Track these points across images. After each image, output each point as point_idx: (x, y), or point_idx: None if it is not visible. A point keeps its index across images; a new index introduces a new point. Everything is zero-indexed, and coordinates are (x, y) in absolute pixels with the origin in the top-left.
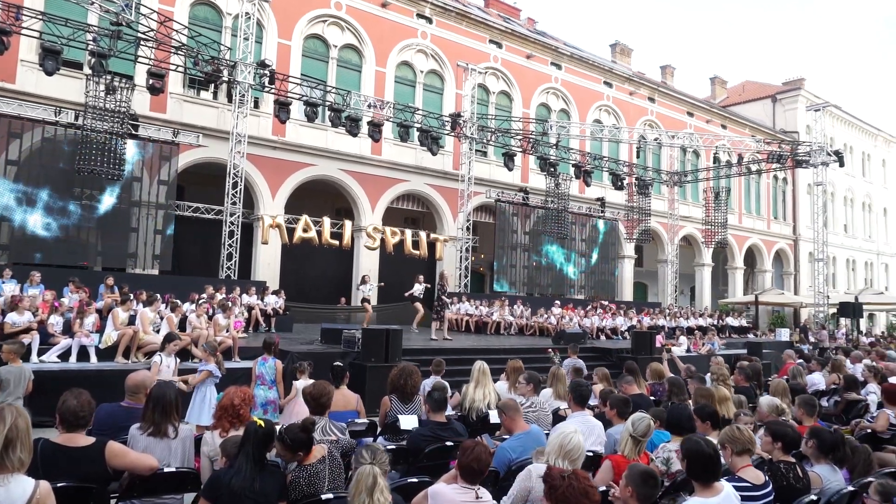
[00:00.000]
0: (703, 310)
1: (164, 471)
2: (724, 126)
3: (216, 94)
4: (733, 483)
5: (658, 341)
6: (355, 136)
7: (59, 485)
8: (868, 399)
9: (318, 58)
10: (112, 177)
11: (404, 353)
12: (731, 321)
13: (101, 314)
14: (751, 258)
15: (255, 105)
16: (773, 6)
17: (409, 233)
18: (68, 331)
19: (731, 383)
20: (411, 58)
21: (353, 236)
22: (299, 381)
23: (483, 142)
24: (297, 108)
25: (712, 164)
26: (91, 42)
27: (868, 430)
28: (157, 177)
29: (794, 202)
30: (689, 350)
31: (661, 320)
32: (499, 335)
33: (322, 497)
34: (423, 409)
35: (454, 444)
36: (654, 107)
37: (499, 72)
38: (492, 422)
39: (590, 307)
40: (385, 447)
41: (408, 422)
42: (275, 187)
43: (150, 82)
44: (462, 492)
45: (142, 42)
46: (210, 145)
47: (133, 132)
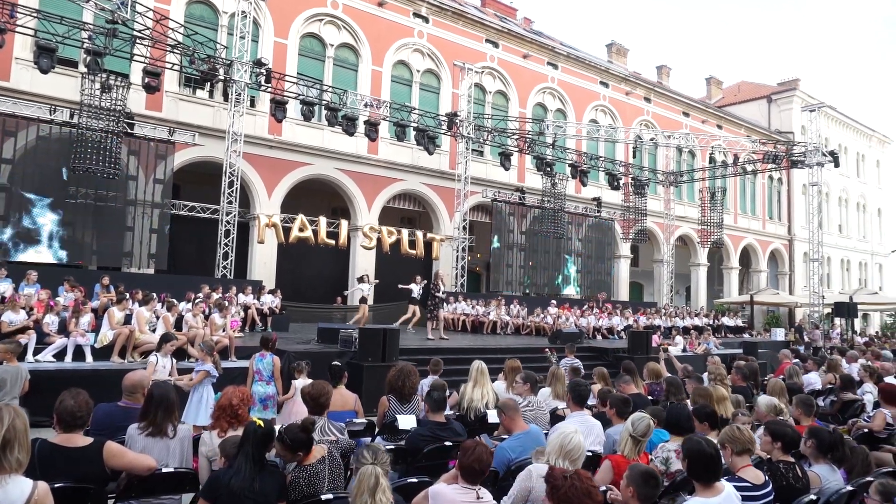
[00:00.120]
0: (698, 310)
1: (163, 471)
2: (719, 126)
3: (212, 92)
4: (734, 483)
5: (654, 341)
6: (352, 135)
7: (56, 485)
8: (864, 399)
9: (315, 57)
10: (107, 175)
11: (401, 353)
12: (726, 321)
13: (97, 313)
14: (746, 258)
15: (252, 104)
16: (768, 6)
17: (405, 232)
18: (64, 330)
19: (729, 383)
20: (408, 57)
21: (349, 236)
22: (298, 381)
23: (479, 141)
24: (293, 107)
25: (708, 164)
26: (86, 40)
27: (865, 430)
28: (153, 175)
29: (790, 202)
30: (685, 350)
31: (657, 320)
32: (495, 335)
33: (322, 497)
34: (423, 408)
35: (453, 444)
36: (650, 107)
37: (495, 71)
38: (490, 421)
39: (586, 307)
40: (384, 447)
41: (406, 422)
42: (271, 186)
43: (146, 81)
44: (463, 492)
45: (137, 40)
46: (206, 144)
47: (129, 131)
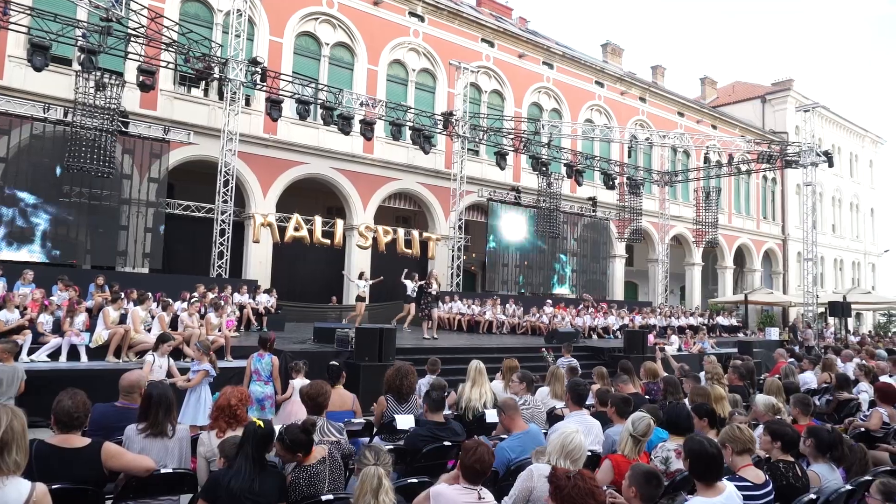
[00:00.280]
0: (693, 309)
1: (161, 472)
2: (714, 126)
3: (207, 91)
4: (735, 482)
5: (649, 340)
6: (347, 134)
7: (54, 486)
8: (860, 398)
9: (310, 55)
10: (102, 174)
11: (398, 353)
12: (721, 320)
13: (91, 313)
14: (740, 258)
15: (247, 103)
16: (763, 7)
17: (401, 232)
18: (58, 330)
19: (725, 382)
20: (403, 56)
21: (344, 235)
22: (296, 381)
23: (475, 141)
24: (288, 106)
25: (702, 164)
26: (80, 38)
27: (861, 429)
28: (148, 174)
29: (783, 202)
30: (680, 349)
31: (652, 319)
32: (491, 334)
33: (322, 498)
34: (421, 408)
35: (452, 445)
36: (645, 107)
37: (491, 71)
38: (488, 422)
39: (581, 306)
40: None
41: (404, 422)
42: (266, 185)
43: (141, 79)
44: (464, 492)
45: (132, 38)
46: (201, 143)
47: (123, 129)
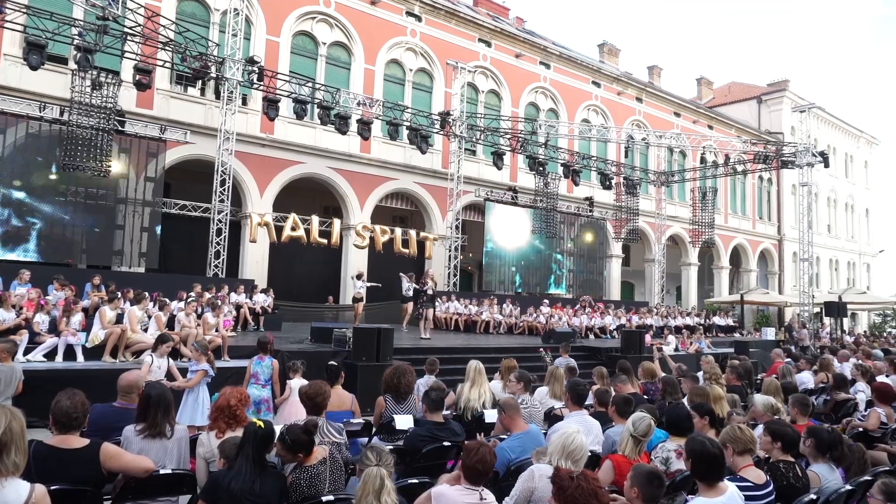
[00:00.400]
0: (690, 309)
1: (160, 472)
2: (710, 126)
3: (204, 90)
4: (736, 482)
5: (647, 340)
6: (344, 133)
7: (52, 487)
8: (857, 398)
9: (307, 55)
10: (98, 173)
11: (395, 353)
12: (717, 320)
13: (88, 313)
14: (736, 258)
15: (244, 102)
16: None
17: (398, 231)
18: (54, 329)
19: (724, 382)
20: (400, 56)
21: (341, 235)
22: (293, 381)
23: (472, 140)
24: (285, 106)
25: (699, 164)
26: (76, 37)
27: (859, 429)
28: (144, 174)
29: (779, 203)
30: (677, 349)
31: (649, 319)
32: (488, 334)
33: (323, 499)
34: (420, 408)
35: (452, 445)
36: (641, 107)
37: (488, 70)
38: (487, 422)
39: (578, 306)
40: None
41: (403, 422)
42: (263, 185)
43: (137, 78)
44: (466, 493)
45: (128, 37)
46: (197, 142)
47: (119, 128)
